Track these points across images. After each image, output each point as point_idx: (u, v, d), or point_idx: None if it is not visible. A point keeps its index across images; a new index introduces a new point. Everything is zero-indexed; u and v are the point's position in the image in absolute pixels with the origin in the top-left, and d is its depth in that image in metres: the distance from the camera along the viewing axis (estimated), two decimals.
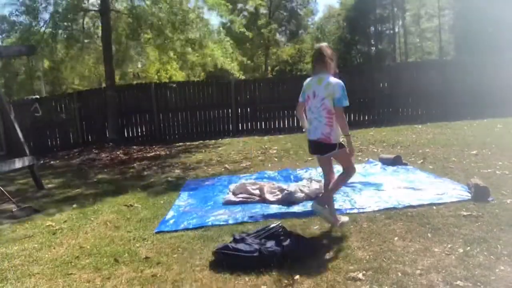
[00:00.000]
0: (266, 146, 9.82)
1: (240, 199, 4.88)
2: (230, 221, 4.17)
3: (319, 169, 6.31)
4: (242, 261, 3.02)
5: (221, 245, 3.26)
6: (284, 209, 4.43)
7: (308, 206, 4.35)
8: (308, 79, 3.70)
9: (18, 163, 6.55)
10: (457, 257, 2.96)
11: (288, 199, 4.67)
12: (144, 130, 13.27)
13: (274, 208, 4.47)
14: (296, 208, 4.40)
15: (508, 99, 11.32)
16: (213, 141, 12.11)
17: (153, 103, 12.90)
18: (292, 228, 3.80)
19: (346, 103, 3.43)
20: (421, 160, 6.64)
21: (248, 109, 13.26)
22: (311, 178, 5.61)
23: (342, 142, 3.57)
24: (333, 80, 3.48)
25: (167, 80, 16.19)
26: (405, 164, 6.34)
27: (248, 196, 4.94)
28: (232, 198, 4.94)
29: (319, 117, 3.52)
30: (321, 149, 3.61)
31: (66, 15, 11.86)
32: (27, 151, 6.84)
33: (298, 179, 5.88)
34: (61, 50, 13.51)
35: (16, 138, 6.87)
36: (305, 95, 3.69)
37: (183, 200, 5.28)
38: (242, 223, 4.10)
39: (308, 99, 3.65)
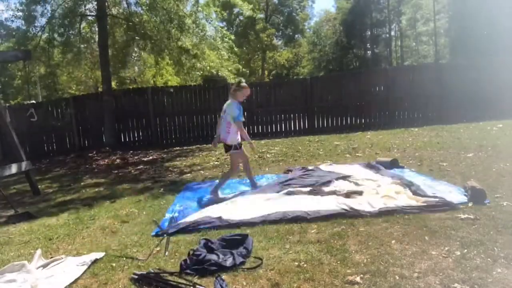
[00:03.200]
0: (263, 150, 9.82)
1: None
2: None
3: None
4: None
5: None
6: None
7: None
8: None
9: (14, 168, 6.51)
10: (455, 259, 2.97)
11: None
12: (140, 134, 13.26)
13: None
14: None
15: (504, 101, 11.39)
16: (210, 145, 12.09)
17: (149, 108, 12.89)
18: (289, 232, 3.80)
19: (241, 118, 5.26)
20: (418, 163, 6.66)
21: (245, 113, 13.24)
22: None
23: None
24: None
25: (162, 85, 16.19)
26: (402, 167, 6.36)
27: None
28: None
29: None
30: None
31: (63, 20, 11.88)
32: (23, 156, 6.81)
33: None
34: (58, 55, 13.51)
35: (12, 143, 6.84)
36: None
37: (180, 203, 5.27)
38: (238, 226, 4.08)
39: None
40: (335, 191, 4.97)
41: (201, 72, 12.75)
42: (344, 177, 5.80)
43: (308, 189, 5.19)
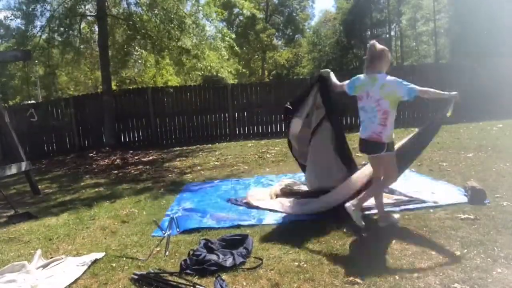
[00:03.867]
0: (263, 150, 9.82)
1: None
2: (227, 224, 4.18)
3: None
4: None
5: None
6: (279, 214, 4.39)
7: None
8: (361, 77, 3.72)
9: (14, 168, 6.51)
10: (455, 259, 2.97)
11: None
12: (140, 134, 13.25)
13: (271, 215, 4.43)
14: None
15: (504, 101, 11.38)
16: (210, 145, 12.10)
17: (149, 108, 12.89)
18: (292, 234, 3.79)
19: (414, 90, 3.44)
20: (418, 163, 6.65)
21: (245, 113, 13.27)
22: None
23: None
24: (389, 79, 3.54)
25: (162, 85, 16.19)
26: None
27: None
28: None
29: (372, 117, 3.56)
30: (369, 147, 3.65)
31: (63, 20, 11.87)
32: (23, 156, 6.81)
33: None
34: (57, 55, 13.50)
35: (12, 143, 6.84)
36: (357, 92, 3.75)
37: (180, 203, 5.27)
38: (239, 226, 4.09)
39: (361, 98, 3.68)
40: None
41: (202, 72, 12.74)
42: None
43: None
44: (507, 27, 20.81)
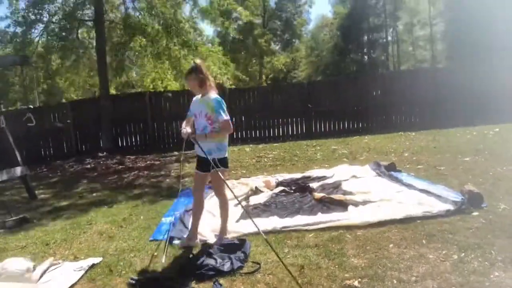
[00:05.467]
0: (260, 155, 9.82)
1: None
2: None
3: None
4: None
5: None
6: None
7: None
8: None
9: (10, 173, 6.49)
10: (452, 263, 2.97)
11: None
12: (138, 139, 13.22)
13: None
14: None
15: (500, 106, 11.43)
16: None
17: (147, 112, 12.87)
18: (287, 237, 3.79)
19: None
20: (415, 167, 6.67)
21: (243, 117, 13.27)
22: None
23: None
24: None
25: (160, 90, 16.17)
26: (399, 171, 6.37)
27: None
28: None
29: None
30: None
31: (61, 26, 11.89)
32: (20, 161, 6.78)
33: None
34: (56, 60, 13.50)
35: (8, 148, 6.82)
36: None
37: (177, 209, 5.25)
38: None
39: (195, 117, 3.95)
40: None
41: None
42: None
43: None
44: (502, 32, 20.94)
